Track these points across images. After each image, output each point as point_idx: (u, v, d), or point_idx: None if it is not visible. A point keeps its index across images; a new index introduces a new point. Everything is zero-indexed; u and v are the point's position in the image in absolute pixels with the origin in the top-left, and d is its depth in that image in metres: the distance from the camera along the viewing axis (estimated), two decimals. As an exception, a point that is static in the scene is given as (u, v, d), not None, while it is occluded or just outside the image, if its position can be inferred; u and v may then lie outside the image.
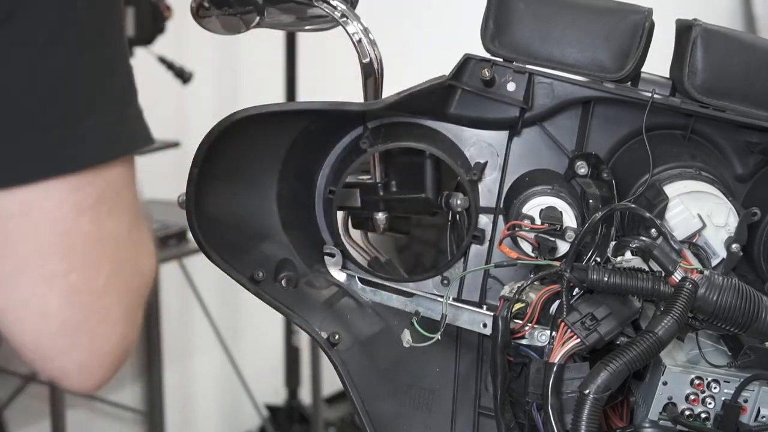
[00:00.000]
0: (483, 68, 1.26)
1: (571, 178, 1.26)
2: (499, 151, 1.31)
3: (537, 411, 1.14)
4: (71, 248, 0.81)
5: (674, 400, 1.14)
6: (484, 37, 1.27)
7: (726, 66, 1.26)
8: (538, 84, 1.27)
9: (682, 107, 1.27)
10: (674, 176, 1.25)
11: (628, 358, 1.06)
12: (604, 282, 1.11)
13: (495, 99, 1.28)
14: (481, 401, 1.30)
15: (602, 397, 1.07)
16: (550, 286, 1.17)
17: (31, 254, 0.81)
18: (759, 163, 1.30)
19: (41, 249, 0.81)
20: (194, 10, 1.36)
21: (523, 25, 1.26)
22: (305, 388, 3.34)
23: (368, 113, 1.29)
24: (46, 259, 0.81)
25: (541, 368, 1.13)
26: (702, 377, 1.14)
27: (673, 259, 1.10)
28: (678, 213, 1.21)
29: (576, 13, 1.27)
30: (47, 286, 0.81)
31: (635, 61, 1.25)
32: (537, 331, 1.17)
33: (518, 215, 1.22)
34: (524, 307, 1.17)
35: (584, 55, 1.26)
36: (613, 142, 1.31)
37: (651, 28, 1.26)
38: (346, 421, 3.37)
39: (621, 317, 1.12)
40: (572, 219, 1.22)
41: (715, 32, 1.26)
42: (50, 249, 0.81)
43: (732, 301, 1.08)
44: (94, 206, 0.82)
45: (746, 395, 1.14)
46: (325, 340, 1.30)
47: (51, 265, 0.81)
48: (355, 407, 1.29)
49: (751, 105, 1.26)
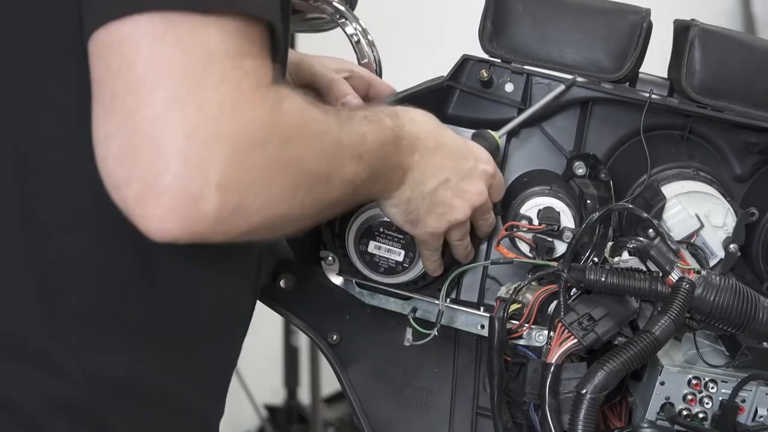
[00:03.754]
0: (481, 69, 1.26)
1: (569, 179, 1.26)
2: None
3: (534, 411, 1.14)
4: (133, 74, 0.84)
5: (672, 400, 1.14)
6: (482, 38, 1.27)
7: (724, 66, 1.26)
8: (536, 84, 1.28)
9: (680, 107, 1.27)
10: (672, 176, 1.25)
11: (625, 358, 1.07)
12: (602, 282, 1.11)
13: (493, 99, 1.28)
14: (479, 401, 1.30)
15: (599, 397, 1.07)
16: (547, 286, 1.17)
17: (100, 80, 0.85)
18: (757, 163, 1.30)
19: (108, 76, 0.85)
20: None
21: (521, 25, 1.27)
22: (304, 388, 3.34)
23: (367, 114, 1.29)
24: (107, 85, 0.84)
25: (539, 368, 1.13)
26: (699, 377, 1.14)
27: (671, 260, 1.11)
28: (676, 213, 1.21)
29: (574, 14, 1.28)
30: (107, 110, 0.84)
31: (633, 62, 1.25)
32: (534, 331, 1.17)
33: (516, 216, 1.23)
34: (522, 308, 1.17)
35: (582, 56, 1.26)
36: (611, 143, 1.31)
37: (649, 29, 1.26)
38: (344, 421, 3.36)
39: (618, 317, 1.12)
40: (570, 219, 1.22)
41: (713, 32, 1.26)
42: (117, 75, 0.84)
43: (729, 301, 1.08)
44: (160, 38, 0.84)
45: (744, 395, 1.14)
46: (323, 340, 1.30)
47: (111, 90, 0.84)
48: (354, 407, 1.30)
49: (749, 105, 1.26)
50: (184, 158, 0.83)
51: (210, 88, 0.84)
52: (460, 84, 1.28)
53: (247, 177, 0.86)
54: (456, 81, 1.27)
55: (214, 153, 0.84)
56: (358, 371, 1.30)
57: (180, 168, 0.83)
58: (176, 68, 0.83)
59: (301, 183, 0.91)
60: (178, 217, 0.84)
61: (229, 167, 0.84)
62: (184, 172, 0.83)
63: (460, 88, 1.28)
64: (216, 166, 0.84)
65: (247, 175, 0.86)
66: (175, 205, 0.84)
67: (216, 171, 0.84)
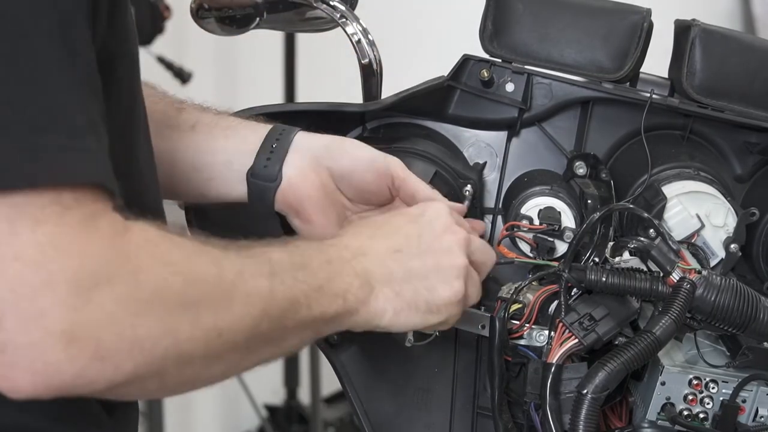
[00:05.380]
0: (482, 69, 1.26)
1: (570, 179, 1.26)
2: (497, 151, 1.31)
3: (535, 411, 1.14)
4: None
5: (672, 400, 1.14)
6: (482, 38, 1.27)
7: (725, 66, 1.26)
8: (536, 84, 1.28)
9: (680, 107, 1.27)
10: (673, 176, 1.25)
11: (625, 358, 1.07)
12: (602, 282, 1.11)
13: (494, 99, 1.28)
14: (480, 401, 1.30)
15: (600, 397, 1.07)
16: (548, 286, 1.17)
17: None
18: (758, 163, 1.30)
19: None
20: (194, 11, 1.36)
21: (522, 25, 1.27)
22: (304, 388, 3.34)
23: (367, 114, 1.29)
24: None
25: (540, 368, 1.13)
26: (700, 377, 1.14)
27: (671, 260, 1.11)
28: (676, 213, 1.21)
29: (574, 14, 1.27)
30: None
31: (634, 62, 1.25)
32: (535, 331, 1.17)
33: (517, 215, 1.23)
34: (522, 308, 1.17)
35: (583, 56, 1.26)
36: (611, 143, 1.31)
37: (650, 29, 1.26)
38: (345, 422, 3.36)
39: (619, 317, 1.12)
40: (571, 219, 1.22)
41: (714, 32, 1.26)
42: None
43: (730, 301, 1.08)
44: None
45: (744, 395, 1.14)
46: (323, 340, 1.30)
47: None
48: (354, 407, 1.30)
49: (749, 105, 1.26)
50: (14, 312, 0.74)
51: (25, 234, 0.75)
52: (461, 84, 1.28)
53: (98, 318, 0.76)
54: (456, 81, 1.27)
55: (49, 300, 0.75)
56: (358, 371, 1.30)
57: (12, 323, 0.74)
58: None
59: (177, 316, 0.81)
60: (25, 372, 0.75)
61: (72, 311, 0.75)
62: (18, 326, 0.74)
63: (461, 88, 1.28)
64: (55, 313, 0.75)
65: (98, 315, 0.76)
66: (17, 360, 0.75)
67: (56, 318, 0.75)
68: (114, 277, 0.77)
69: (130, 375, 0.78)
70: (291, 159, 1.15)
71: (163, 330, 0.80)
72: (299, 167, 1.15)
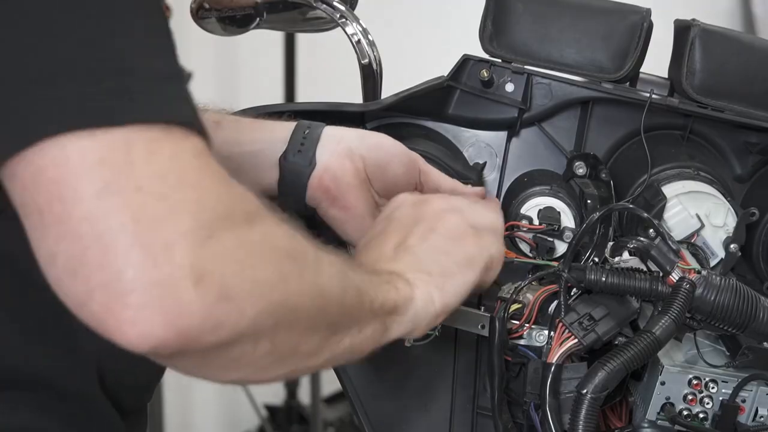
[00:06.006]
0: (481, 69, 1.26)
1: (570, 179, 1.26)
2: (497, 151, 1.31)
3: (535, 411, 1.14)
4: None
5: (672, 400, 1.14)
6: (482, 38, 1.27)
7: (724, 66, 1.26)
8: (536, 84, 1.28)
9: (680, 107, 1.27)
10: (672, 176, 1.25)
11: (625, 357, 1.07)
12: (602, 282, 1.11)
13: (493, 99, 1.28)
14: (480, 401, 1.30)
15: (600, 397, 1.07)
16: (548, 286, 1.17)
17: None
18: (757, 163, 1.30)
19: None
20: (194, 11, 1.36)
21: (522, 25, 1.27)
22: (304, 388, 3.34)
23: (367, 114, 1.29)
24: (30, 204, 0.73)
25: (539, 368, 1.13)
26: (700, 377, 1.14)
27: (671, 259, 1.11)
28: (676, 213, 1.21)
29: (574, 14, 1.28)
30: (40, 229, 0.73)
31: (633, 62, 1.25)
32: (535, 331, 1.17)
33: (517, 215, 1.23)
34: (522, 308, 1.17)
35: (582, 56, 1.26)
36: (611, 143, 1.31)
37: (649, 29, 1.26)
38: (345, 422, 3.36)
39: (619, 317, 1.12)
40: (570, 219, 1.22)
41: (714, 32, 1.26)
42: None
43: (730, 301, 1.08)
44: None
45: (744, 395, 1.14)
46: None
47: (36, 206, 0.73)
48: (354, 407, 1.30)
49: (749, 105, 1.26)
50: (140, 245, 0.71)
51: (141, 164, 0.72)
52: (461, 84, 1.28)
53: (222, 254, 0.73)
54: (456, 81, 1.27)
55: (174, 231, 0.72)
56: (358, 371, 1.30)
57: (140, 256, 0.71)
58: (91, 158, 0.71)
59: (286, 266, 0.79)
60: (156, 312, 0.71)
61: (198, 244, 0.72)
62: (146, 260, 0.71)
63: (461, 88, 1.28)
64: (182, 245, 0.72)
65: (221, 251, 0.73)
66: (148, 298, 0.71)
67: (184, 251, 0.72)
68: (231, 214, 0.75)
69: (251, 322, 0.75)
70: (326, 145, 1.13)
71: (277, 276, 0.78)
72: (335, 152, 1.13)
